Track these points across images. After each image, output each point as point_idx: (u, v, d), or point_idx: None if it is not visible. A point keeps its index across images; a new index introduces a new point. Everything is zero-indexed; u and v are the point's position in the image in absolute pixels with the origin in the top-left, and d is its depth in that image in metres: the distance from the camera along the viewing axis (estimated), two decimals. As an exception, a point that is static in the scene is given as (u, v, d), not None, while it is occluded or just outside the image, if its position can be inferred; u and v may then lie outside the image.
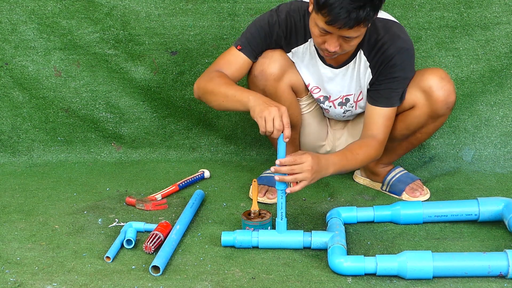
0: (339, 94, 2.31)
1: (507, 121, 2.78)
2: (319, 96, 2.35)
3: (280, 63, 2.24)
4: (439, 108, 2.21)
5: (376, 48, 2.16)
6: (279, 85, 2.26)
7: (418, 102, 2.22)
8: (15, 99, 2.87)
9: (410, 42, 2.18)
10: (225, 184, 2.61)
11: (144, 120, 2.91)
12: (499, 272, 1.82)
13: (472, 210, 2.14)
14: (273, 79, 2.24)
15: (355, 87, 2.28)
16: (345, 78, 2.26)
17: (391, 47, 2.14)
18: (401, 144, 2.39)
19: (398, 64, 2.15)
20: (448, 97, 2.20)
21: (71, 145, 2.92)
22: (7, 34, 2.80)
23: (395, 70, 2.16)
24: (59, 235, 2.16)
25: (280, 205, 2.01)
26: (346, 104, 2.34)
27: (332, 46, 2.02)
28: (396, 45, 2.14)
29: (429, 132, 2.32)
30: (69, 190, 2.55)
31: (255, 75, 2.25)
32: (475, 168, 2.70)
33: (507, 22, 2.69)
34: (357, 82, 2.26)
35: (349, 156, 2.12)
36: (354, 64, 2.23)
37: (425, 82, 2.20)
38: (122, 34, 2.78)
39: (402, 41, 2.15)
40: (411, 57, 2.19)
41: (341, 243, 1.93)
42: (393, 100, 2.20)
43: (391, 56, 2.15)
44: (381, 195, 2.46)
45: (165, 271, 1.91)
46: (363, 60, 2.21)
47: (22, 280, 1.87)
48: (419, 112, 2.24)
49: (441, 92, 2.19)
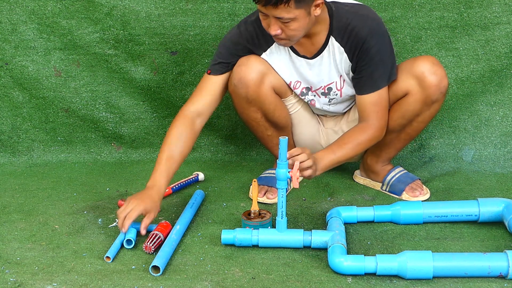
0: (320, 84, 2.31)
1: (507, 121, 2.78)
2: (302, 89, 2.34)
3: (257, 67, 2.24)
4: (433, 93, 2.22)
5: (348, 32, 2.17)
6: (261, 89, 2.26)
7: (411, 88, 2.23)
8: (15, 99, 2.87)
9: (381, 21, 2.19)
10: (225, 184, 2.61)
11: (144, 120, 2.91)
12: (499, 272, 1.82)
13: (472, 210, 2.14)
14: (253, 84, 2.24)
15: (335, 74, 2.28)
16: (322, 68, 2.27)
17: (362, 29, 2.15)
18: (399, 136, 2.38)
19: (372, 45, 2.16)
20: (441, 82, 2.21)
21: (71, 145, 2.92)
22: (7, 34, 2.80)
23: (371, 52, 2.17)
24: (59, 235, 2.16)
25: (281, 204, 2.02)
26: (329, 93, 2.33)
27: (272, 29, 2.06)
28: (367, 27, 2.15)
29: (425, 120, 2.32)
30: (69, 190, 2.55)
31: (234, 84, 2.25)
32: (475, 168, 2.70)
33: (507, 22, 2.69)
34: (336, 69, 2.26)
35: (335, 148, 2.16)
36: (328, 52, 2.23)
37: (416, 68, 2.21)
38: (122, 34, 2.78)
39: (371, 22, 2.16)
40: (384, 36, 2.19)
41: (341, 243, 1.93)
42: (378, 83, 2.20)
43: (363, 38, 2.15)
44: (381, 195, 2.46)
45: (165, 271, 1.91)
46: (336, 46, 2.21)
47: (22, 280, 1.87)
48: (413, 99, 2.24)
49: (434, 77, 2.20)
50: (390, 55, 2.22)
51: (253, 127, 2.40)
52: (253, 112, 2.32)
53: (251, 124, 2.39)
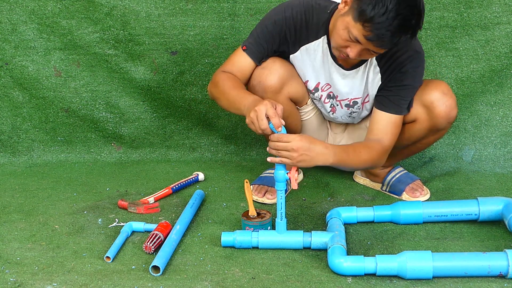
0: (347, 96, 2.29)
1: (507, 121, 2.78)
2: (329, 93, 2.30)
3: (279, 75, 2.20)
4: (440, 123, 2.21)
5: (389, 54, 2.14)
6: (278, 97, 2.22)
7: (420, 116, 2.22)
8: (15, 99, 2.87)
9: (422, 50, 2.17)
10: (225, 184, 2.61)
11: (144, 120, 2.91)
12: (499, 272, 1.82)
13: (472, 210, 2.14)
14: (271, 91, 2.20)
15: (363, 91, 2.26)
16: (354, 81, 2.24)
17: (404, 54, 2.12)
18: (402, 152, 2.40)
19: (409, 71, 2.14)
20: (450, 113, 2.20)
21: (71, 145, 2.92)
22: (7, 34, 2.80)
23: (406, 77, 2.15)
24: (59, 235, 2.16)
25: (280, 206, 2.01)
26: (353, 106, 2.32)
27: (355, 54, 2.00)
28: (409, 53, 2.12)
29: (429, 142, 2.33)
30: (69, 190, 2.55)
31: (253, 84, 2.22)
32: (475, 168, 2.70)
33: (507, 22, 2.69)
34: (366, 86, 2.24)
35: (351, 152, 2.10)
36: (364, 68, 2.21)
37: (426, 97, 2.19)
38: (122, 34, 2.78)
39: (414, 49, 2.13)
40: (422, 65, 2.18)
41: (341, 243, 1.93)
42: (402, 108, 2.19)
43: (403, 63, 2.13)
44: (381, 195, 2.46)
45: (165, 271, 1.91)
46: (373, 64, 2.19)
47: (22, 280, 1.87)
48: (420, 126, 2.24)
49: (443, 107, 2.18)
50: (420, 85, 2.20)
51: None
52: None
53: None
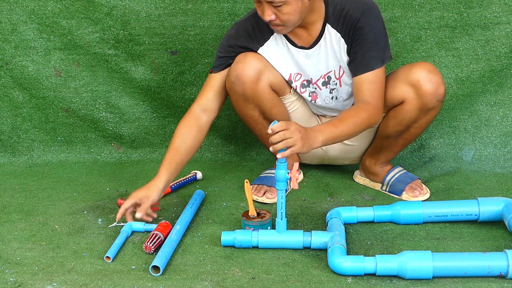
0: (319, 73, 2.31)
1: (507, 121, 2.78)
2: (303, 81, 2.34)
3: (255, 65, 2.25)
4: (429, 101, 2.21)
5: (342, 16, 2.18)
6: (258, 86, 2.26)
7: (407, 96, 2.23)
8: (15, 99, 2.87)
9: (374, 4, 2.20)
10: (225, 184, 2.61)
11: (144, 120, 2.91)
12: (499, 272, 1.82)
13: (472, 210, 2.14)
14: (250, 81, 2.25)
15: (333, 63, 2.28)
16: (320, 57, 2.27)
17: (355, 10, 2.17)
18: (397, 141, 2.38)
19: (365, 25, 2.16)
20: (437, 90, 2.20)
21: (71, 145, 2.92)
22: (7, 34, 2.80)
23: (364, 31, 2.17)
24: (59, 235, 2.16)
25: (280, 205, 2.01)
26: (329, 82, 2.32)
27: (266, 15, 2.08)
28: (360, 8, 2.17)
29: (422, 126, 2.32)
30: (69, 190, 2.55)
31: (232, 81, 2.26)
32: (475, 168, 2.70)
33: (507, 22, 2.69)
34: (334, 57, 2.26)
35: (336, 122, 2.10)
36: (324, 41, 2.24)
37: (412, 76, 2.20)
38: (122, 34, 2.78)
39: (364, 4, 2.18)
40: (377, 16, 2.19)
41: (341, 243, 1.93)
42: (372, 63, 2.18)
43: (356, 18, 2.16)
44: (381, 195, 2.46)
45: (165, 271, 1.91)
46: (333, 33, 2.22)
47: (22, 280, 1.87)
48: (409, 107, 2.24)
49: (430, 85, 2.19)
50: (384, 35, 2.21)
51: (251, 125, 2.40)
52: (250, 109, 2.32)
53: (249, 122, 2.39)
